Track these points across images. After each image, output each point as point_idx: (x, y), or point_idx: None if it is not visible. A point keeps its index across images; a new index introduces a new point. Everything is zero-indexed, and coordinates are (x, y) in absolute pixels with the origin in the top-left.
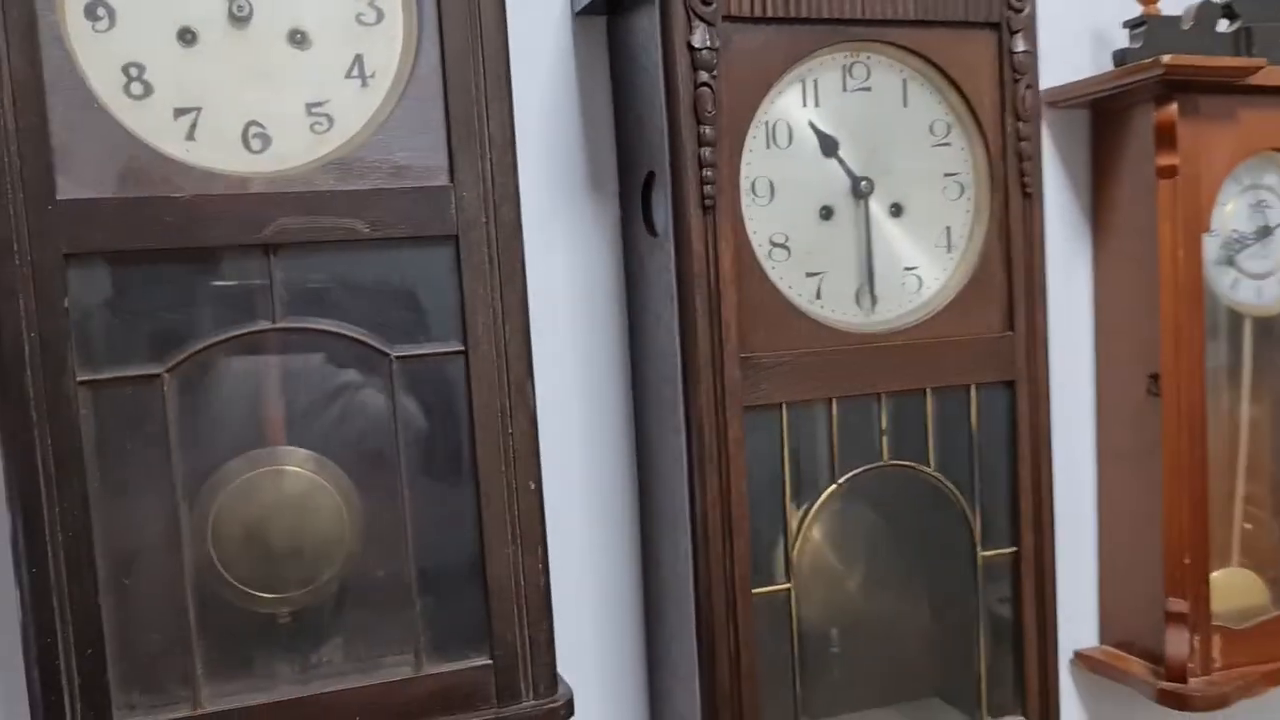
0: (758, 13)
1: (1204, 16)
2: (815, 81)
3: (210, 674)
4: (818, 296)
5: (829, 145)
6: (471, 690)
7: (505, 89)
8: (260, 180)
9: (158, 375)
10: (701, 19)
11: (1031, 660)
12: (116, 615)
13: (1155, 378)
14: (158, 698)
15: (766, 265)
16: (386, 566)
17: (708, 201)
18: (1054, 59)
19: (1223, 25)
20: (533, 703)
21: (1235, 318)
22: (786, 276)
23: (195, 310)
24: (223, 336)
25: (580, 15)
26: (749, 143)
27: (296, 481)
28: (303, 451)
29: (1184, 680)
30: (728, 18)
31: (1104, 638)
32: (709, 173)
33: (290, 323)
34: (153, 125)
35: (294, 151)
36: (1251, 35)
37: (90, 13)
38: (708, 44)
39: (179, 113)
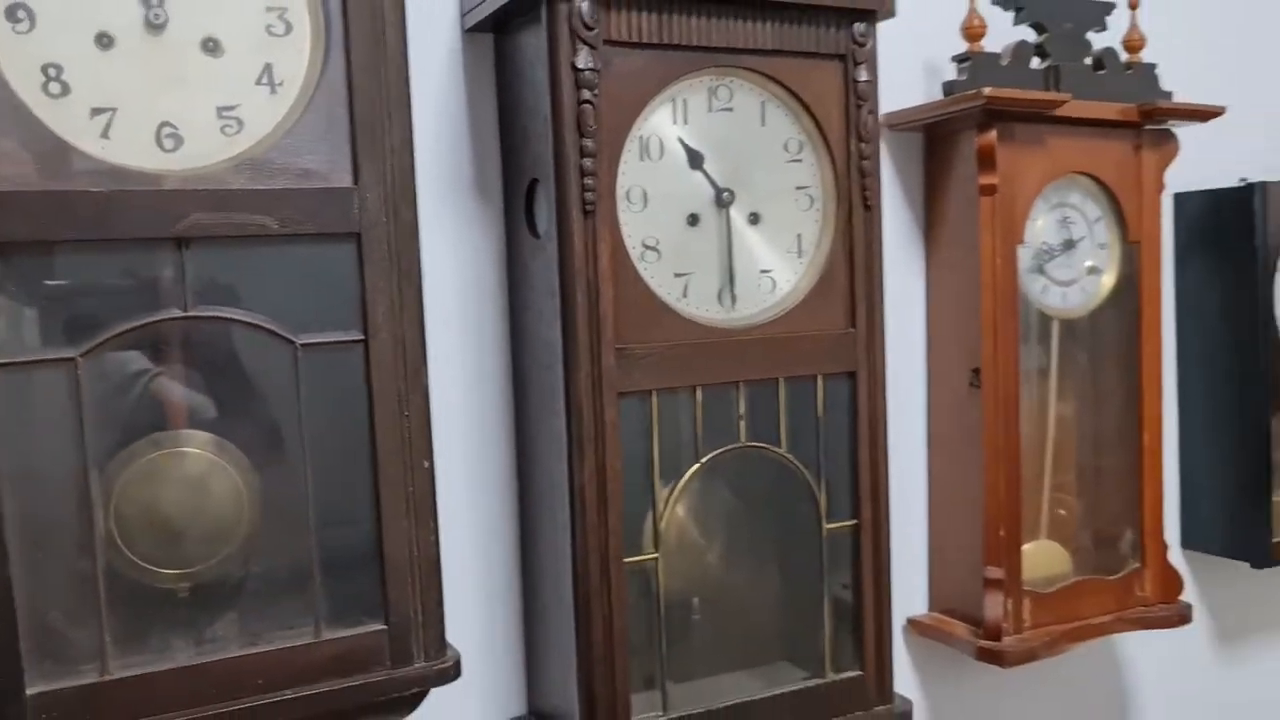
0: (635, 38)
1: (1020, 55)
2: (684, 101)
3: (114, 645)
4: (685, 295)
5: (696, 159)
6: (367, 654)
7: (405, 99)
8: (174, 178)
9: (71, 359)
10: (585, 42)
11: (869, 621)
12: (28, 588)
13: (977, 372)
14: (68, 666)
15: (639, 266)
16: (286, 543)
17: (588, 207)
18: (892, 87)
19: (1035, 63)
20: (424, 664)
21: (1045, 320)
22: (657, 276)
23: (109, 299)
24: (135, 323)
25: (469, 33)
26: (625, 155)
27: (197, 463)
28: (204, 434)
29: (999, 639)
30: (609, 42)
31: (932, 606)
32: (590, 181)
33: (200, 311)
34: (70, 124)
35: (205, 152)
36: (1059, 73)
37: (11, 14)
38: (590, 65)
39: (95, 112)
